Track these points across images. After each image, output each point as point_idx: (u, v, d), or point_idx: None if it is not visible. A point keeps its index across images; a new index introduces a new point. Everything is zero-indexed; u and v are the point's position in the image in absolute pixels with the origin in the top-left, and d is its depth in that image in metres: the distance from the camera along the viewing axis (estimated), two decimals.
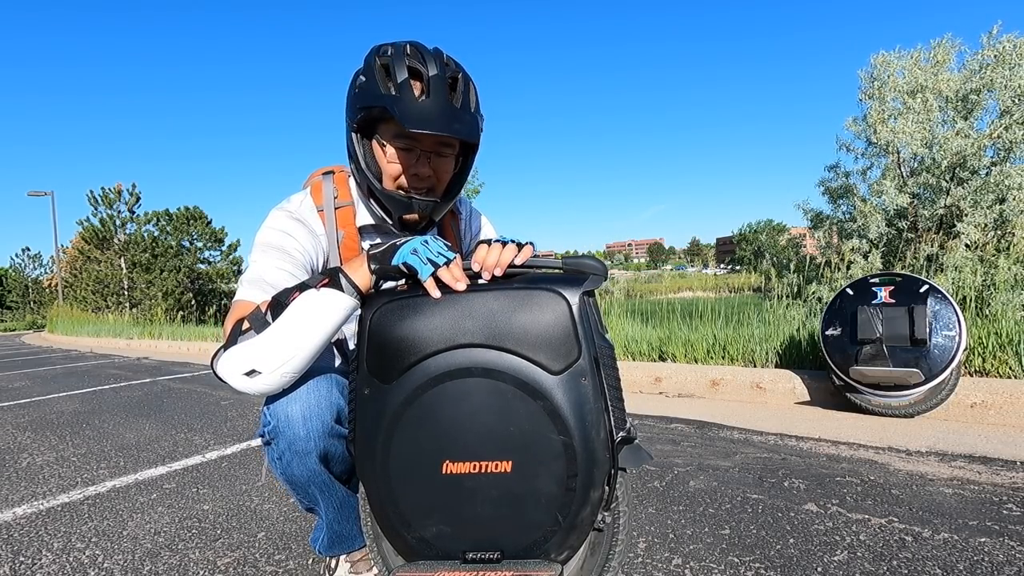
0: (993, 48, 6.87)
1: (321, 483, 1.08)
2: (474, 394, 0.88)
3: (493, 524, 0.89)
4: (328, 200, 1.12)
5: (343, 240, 1.12)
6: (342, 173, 1.18)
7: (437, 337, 0.88)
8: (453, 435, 0.88)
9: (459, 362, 0.88)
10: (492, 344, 0.87)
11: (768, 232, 76.71)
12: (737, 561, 1.23)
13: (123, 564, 1.39)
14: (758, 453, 2.01)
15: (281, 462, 1.05)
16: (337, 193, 1.14)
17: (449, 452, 0.88)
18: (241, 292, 1.03)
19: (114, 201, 18.98)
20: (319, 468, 1.07)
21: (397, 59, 1.00)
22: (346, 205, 1.14)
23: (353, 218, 1.14)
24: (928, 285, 2.33)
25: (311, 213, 1.11)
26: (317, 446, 1.04)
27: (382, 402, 0.90)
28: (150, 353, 8.43)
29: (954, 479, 1.66)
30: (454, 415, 0.88)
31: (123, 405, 3.77)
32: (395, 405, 0.89)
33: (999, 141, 6.71)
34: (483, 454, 0.87)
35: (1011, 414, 2.23)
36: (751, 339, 3.38)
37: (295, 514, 1.64)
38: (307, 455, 1.04)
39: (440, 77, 0.99)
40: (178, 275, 18.59)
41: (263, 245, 1.07)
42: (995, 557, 1.19)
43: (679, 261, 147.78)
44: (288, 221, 1.09)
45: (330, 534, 1.16)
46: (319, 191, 1.13)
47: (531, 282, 0.88)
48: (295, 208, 1.11)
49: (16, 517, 1.76)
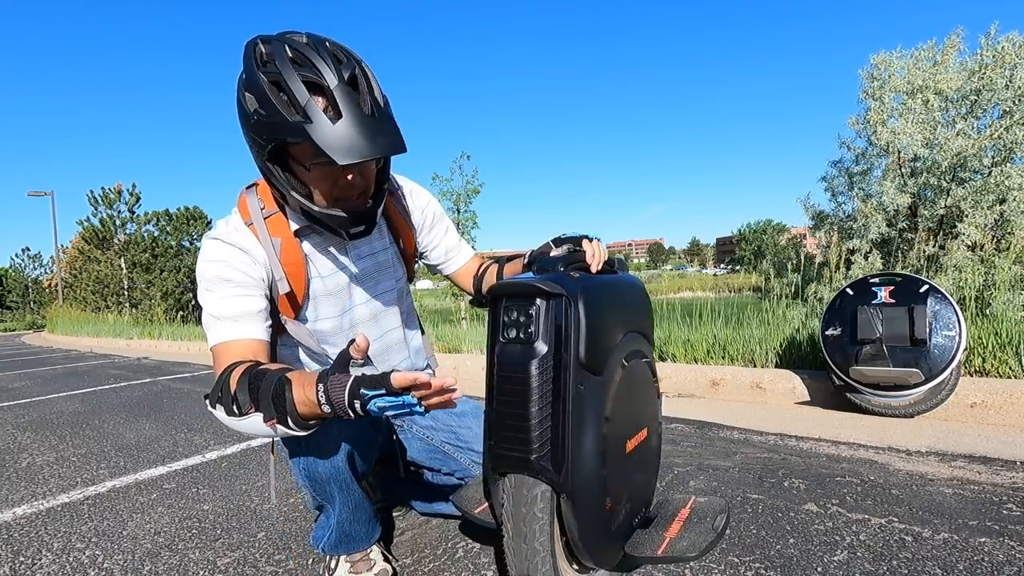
0: (991, 48, 6.86)
1: (342, 481, 1.09)
2: (637, 372, 0.97)
3: (643, 486, 1.01)
4: (255, 212, 1.09)
5: (282, 246, 1.09)
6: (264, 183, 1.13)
7: (622, 322, 0.92)
8: (629, 414, 0.95)
9: (630, 345, 0.96)
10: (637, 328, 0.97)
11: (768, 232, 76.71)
12: (737, 561, 1.23)
13: (123, 564, 1.39)
14: (758, 453, 2.00)
15: (307, 459, 1.05)
16: (263, 204, 1.10)
17: (629, 430, 0.95)
18: (211, 337, 1.02)
19: (114, 201, 18.97)
20: (344, 466, 1.07)
21: (286, 72, 0.89)
22: (274, 214, 1.10)
23: (286, 224, 1.10)
24: (928, 285, 2.33)
25: (240, 231, 1.08)
26: (349, 445, 1.06)
27: (597, 394, 0.86)
28: (150, 353, 8.43)
29: (954, 479, 1.66)
30: (630, 395, 0.94)
31: (123, 405, 3.77)
32: (604, 394, 0.87)
33: (999, 141, 6.71)
34: (639, 426, 0.97)
35: (1011, 414, 2.23)
36: (751, 339, 3.38)
37: (295, 514, 1.64)
38: (337, 454, 1.05)
39: (342, 87, 0.90)
40: (178, 275, 18.57)
41: (206, 281, 1.05)
42: (995, 557, 1.19)
43: (679, 261, 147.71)
44: (220, 249, 1.06)
45: (339, 534, 1.16)
46: (244, 206, 1.10)
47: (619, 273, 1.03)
48: (221, 232, 1.08)
49: (16, 517, 1.76)
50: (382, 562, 1.20)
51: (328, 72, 0.90)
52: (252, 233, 1.07)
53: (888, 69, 7.48)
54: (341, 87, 0.90)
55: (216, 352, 1.01)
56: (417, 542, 1.41)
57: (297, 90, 0.88)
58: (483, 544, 1.36)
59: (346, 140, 0.88)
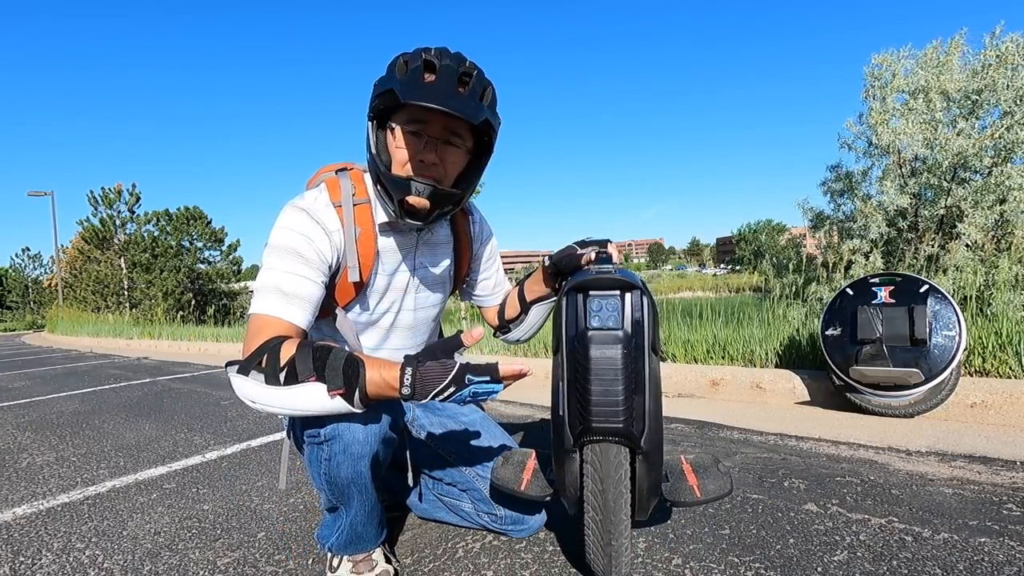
0: (995, 48, 6.86)
1: (362, 485, 1.08)
2: None
3: None
4: (346, 195, 1.11)
5: (360, 236, 1.11)
6: (356, 170, 1.17)
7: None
8: None
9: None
10: None
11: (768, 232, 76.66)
12: (737, 561, 1.23)
13: (123, 564, 1.39)
14: (758, 453, 2.00)
15: (330, 463, 1.04)
16: (355, 190, 1.13)
17: None
18: (259, 304, 1.02)
19: (114, 201, 18.97)
20: (366, 471, 1.07)
21: (416, 54, 1.02)
22: (364, 202, 1.13)
23: (371, 215, 1.13)
24: (928, 285, 2.33)
25: (327, 209, 1.09)
26: (373, 449, 1.04)
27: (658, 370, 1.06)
28: (150, 353, 8.43)
29: (954, 479, 1.66)
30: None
31: (123, 405, 3.77)
32: (659, 371, 1.08)
33: (1000, 141, 6.71)
34: None
35: (1011, 414, 2.23)
36: (751, 339, 3.38)
37: (295, 514, 1.64)
38: (361, 459, 1.04)
39: (451, 68, 1.00)
40: (178, 275, 18.56)
41: (278, 248, 1.05)
42: (995, 557, 1.19)
43: (679, 261, 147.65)
44: (304, 221, 1.06)
45: (351, 535, 1.15)
46: (336, 187, 1.12)
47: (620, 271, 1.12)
48: (310, 205, 1.08)
49: (16, 517, 1.76)
50: (384, 563, 1.20)
51: (447, 59, 1.01)
52: (338, 216, 1.09)
53: (891, 68, 7.48)
54: (450, 68, 1.00)
55: (258, 320, 1.00)
56: (417, 542, 1.41)
57: (414, 62, 1.00)
58: (483, 544, 1.36)
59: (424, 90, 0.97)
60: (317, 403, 0.89)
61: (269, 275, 1.03)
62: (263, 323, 1.00)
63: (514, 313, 1.40)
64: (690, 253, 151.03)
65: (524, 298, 1.36)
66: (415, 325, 1.29)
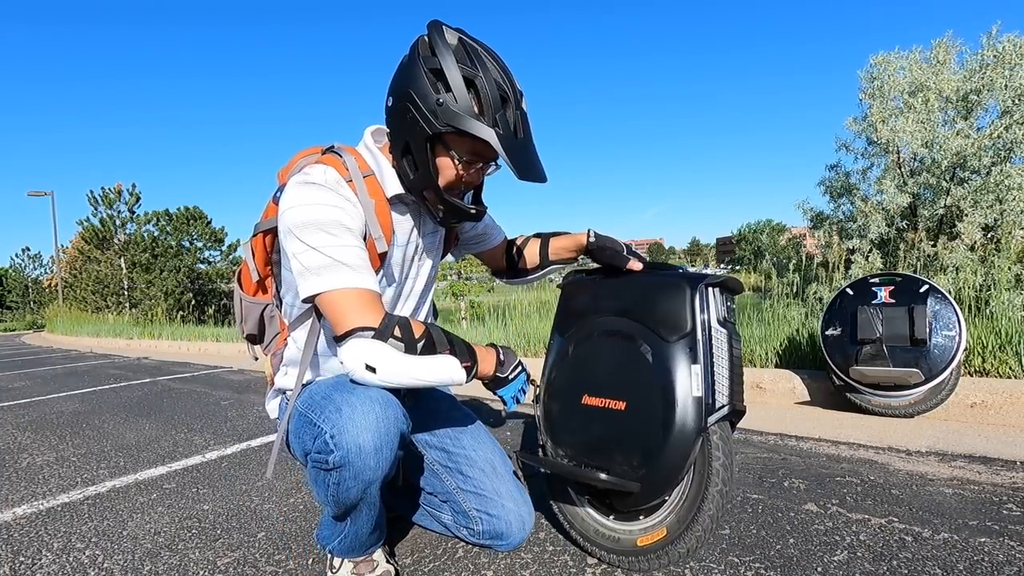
0: (993, 48, 6.87)
1: (371, 503, 1.08)
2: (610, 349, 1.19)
3: (608, 449, 1.16)
4: (354, 170, 1.09)
5: (376, 207, 1.10)
6: (351, 148, 1.16)
7: (600, 306, 1.24)
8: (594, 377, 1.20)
9: (609, 325, 1.21)
10: (631, 315, 1.18)
11: (768, 232, 76.66)
12: (737, 561, 1.23)
13: (123, 564, 1.39)
14: (758, 453, 2.01)
15: (339, 487, 1.01)
16: (359, 164, 1.11)
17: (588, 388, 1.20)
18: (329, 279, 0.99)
19: (114, 201, 18.97)
20: (376, 491, 1.06)
21: (485, 75, 1.00)
22: (370, 174, 1.11)
23: (380, 188, 1.11)
24: (928, 285, 2.33)
25: (343, 184, 1.07)
26: (385, 474, 1.03)
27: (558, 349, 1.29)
28: (150, 353, 8.43)
29: (954, 479, 1.66)
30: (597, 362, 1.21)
31: (123, 405, 3.77)
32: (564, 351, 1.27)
33: (999, 141, 6.71)
34: (608, 394, 1.17)
35: (1011, 414, 2.23)
36: (751, 339, 3.38)
37: (295, 514, 1.64)
38: (372, 484, 1.02)
39: (523, 112, 1.05)
40: (178, 275, 18.57)
41: (326, 224, 1.01)
42: (995, 557, 1.19)
43: (679, 261, 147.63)
44: (330, 195, 1.03)
45: (355, 541, 1.15)
46: (338, 163, 1.09)
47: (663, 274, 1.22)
48: (327, 180, 1.05)
49: (16, 517, 1.76)
50: (384, 563, 1.20)
51: (512, 92, 1.03)
52: (351, 189, 1.08)
53: (888, 69, 7.48)
54: (522, 111, 1.05)
55: (345, 295, 0.99)
56: (417, 542, 1.41)
57: (492, 97, 1.00)
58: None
59: (523, 159, 1.03)
60: (445, 374, 1.01)
61: (323, 252, 1.00)
62: (353, 296, 1.00)
63: (533, 265, 1.49)
64: (690, 253, 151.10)
65: (547, 255, 1.45)
66: (420, 291, 1.31)
